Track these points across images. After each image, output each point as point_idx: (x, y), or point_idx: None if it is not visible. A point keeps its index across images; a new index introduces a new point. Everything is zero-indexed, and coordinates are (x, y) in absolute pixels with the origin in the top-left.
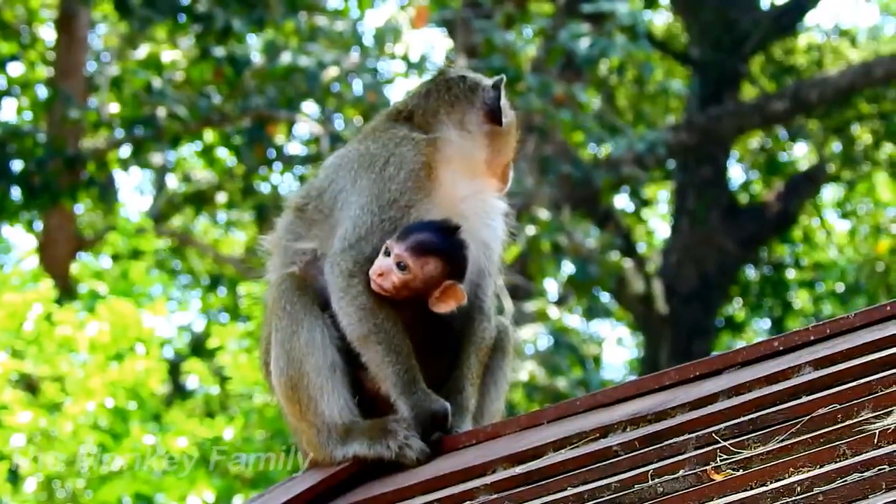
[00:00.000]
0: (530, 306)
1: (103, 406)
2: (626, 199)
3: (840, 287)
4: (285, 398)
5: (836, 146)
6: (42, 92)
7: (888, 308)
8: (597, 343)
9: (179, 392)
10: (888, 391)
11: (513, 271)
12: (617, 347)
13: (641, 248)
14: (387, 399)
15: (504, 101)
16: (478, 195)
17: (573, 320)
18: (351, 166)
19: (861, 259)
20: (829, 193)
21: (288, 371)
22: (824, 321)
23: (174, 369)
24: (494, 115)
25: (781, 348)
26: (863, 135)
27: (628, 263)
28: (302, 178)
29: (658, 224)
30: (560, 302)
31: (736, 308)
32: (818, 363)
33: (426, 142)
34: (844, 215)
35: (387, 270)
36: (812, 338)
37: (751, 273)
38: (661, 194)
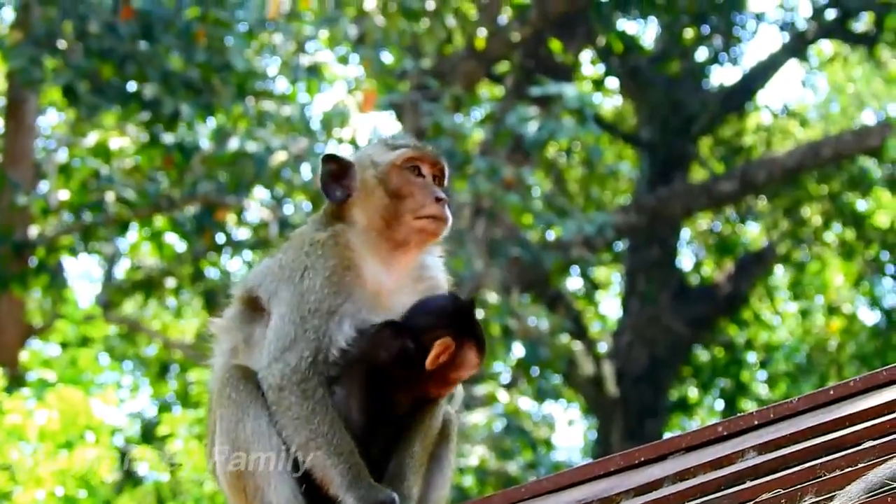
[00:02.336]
0: (480, 390)
1: (53, 495)
2: (576, 281)
3: (791, 366)
4: (231, 487)
5: (785, 226)
6: None
7: (832, 392)
8: (549, 426)
9: (130, 479)
10: (832, 475)
11: None
12: (571, 429)
13: (597, 327)
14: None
15: (356, 169)
16: (405, 286)
17: (525, 403)
18: (273, 277)
19: (812, 339)
20: (781, 274)
21: (233, 460)
22: (768, 406)
23: (124, 457)
24: (330, 194)
25: (726, 433)
26: (813, 215)
27: (578, 346)
28: (250, 265)
29: (611, 306)
30: (510, 385)
31: (688, 389)
32: (762, 448)
33: (333, 240)
34: (795, 296)
35: None
36: (756, 422)
37: (702, 354)
38: (615, 276)
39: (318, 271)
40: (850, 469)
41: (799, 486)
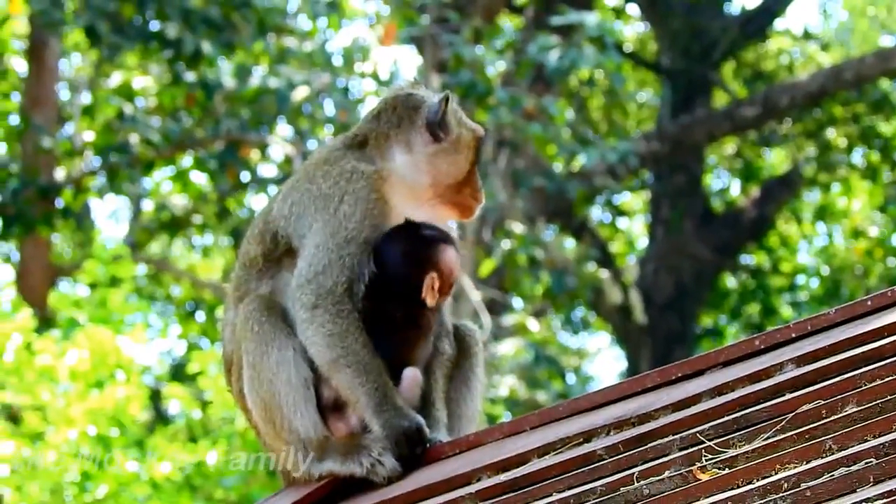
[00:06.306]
0: (509, 320)
1: (85, 434)
2: (601, 210)
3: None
4: (260, 418)
5: (810, 151)
6: (15, 122)
7: (869, 303)
8: (579, 355)
9: (161, 418)
10: (872, 385)
11: (489, 285)
12: (603, 359)
13: (624, 255)
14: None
15: (451, 116)
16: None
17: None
18: (308, 212)
19: (839, 262)
20: (807, 197)
21: (261, 392)
22: (805, 318)
23: (155, 395)
24: (433, 131)
25: (763, 347)
26: (837, 139)
27: (605, 274)
28: None
29: (638, 233)
30: (538, 314)
31: (716, 316)
32: (800, 360)
33: (376, 173)
34: (821, 219)
35: None
36: (793, 335)
37: (729, 280)
38: (640, 204)
39: (360, 201)
40: (891, 378)
41: (839, 397)
